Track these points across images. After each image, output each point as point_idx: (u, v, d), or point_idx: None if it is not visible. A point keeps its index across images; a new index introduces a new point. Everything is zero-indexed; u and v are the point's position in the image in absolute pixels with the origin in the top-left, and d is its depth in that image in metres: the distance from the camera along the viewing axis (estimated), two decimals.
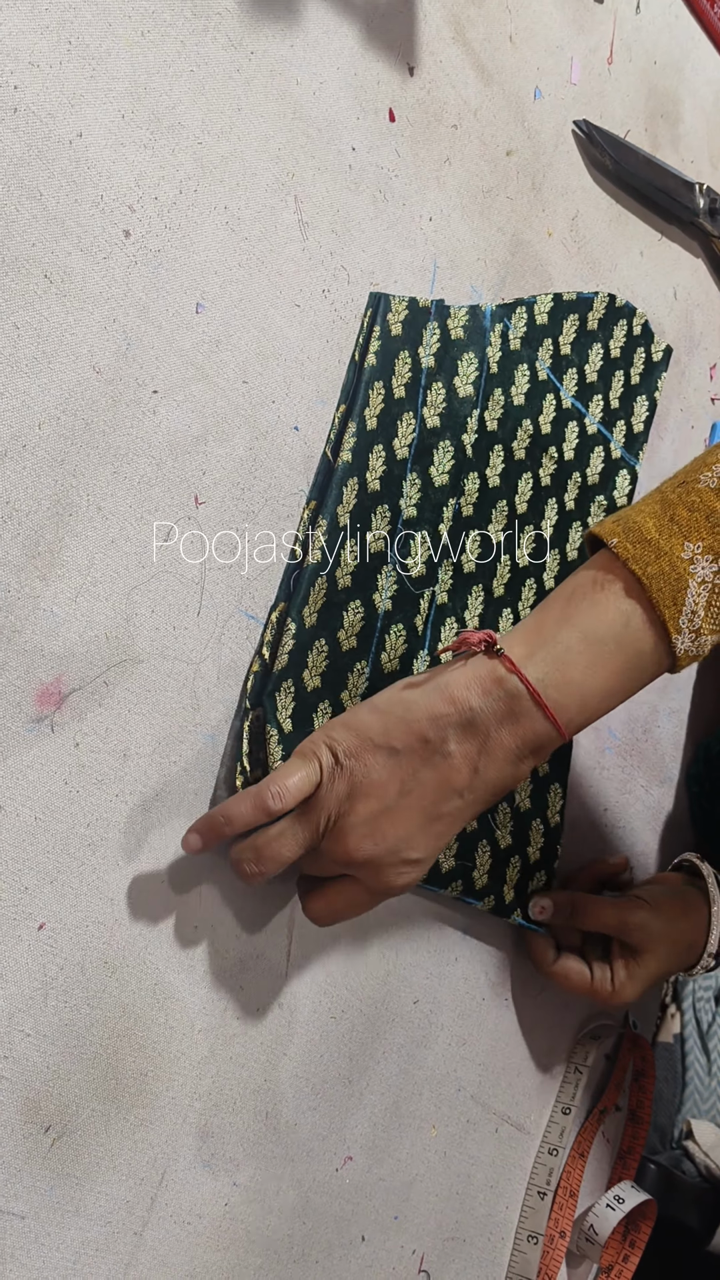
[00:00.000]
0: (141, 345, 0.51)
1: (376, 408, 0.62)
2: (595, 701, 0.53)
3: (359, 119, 0.62)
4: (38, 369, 0.47)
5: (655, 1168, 0.98)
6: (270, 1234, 0.58)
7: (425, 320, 0.65)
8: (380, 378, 0.62)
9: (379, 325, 0.62)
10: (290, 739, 0.56)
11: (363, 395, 0.61)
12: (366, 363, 0.62)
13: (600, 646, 0.53)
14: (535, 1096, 0.77)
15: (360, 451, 0.61)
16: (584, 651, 0.52)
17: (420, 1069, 0.67)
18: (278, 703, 0.56)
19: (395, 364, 0.63)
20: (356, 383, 0.61)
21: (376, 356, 0.62)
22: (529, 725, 0.52)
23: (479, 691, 0.52)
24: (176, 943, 0.53)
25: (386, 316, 0.63)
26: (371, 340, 0.62)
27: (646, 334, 0.81)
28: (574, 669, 0.52)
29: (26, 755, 0.48)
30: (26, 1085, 0.48)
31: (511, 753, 0.53)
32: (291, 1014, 0.59)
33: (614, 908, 0.71)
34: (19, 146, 0.47)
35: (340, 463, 0.60)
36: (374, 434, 0.62)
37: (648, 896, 0.73)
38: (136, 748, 0.52)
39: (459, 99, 0.69)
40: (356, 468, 0.60)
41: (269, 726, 0.56)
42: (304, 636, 0.58)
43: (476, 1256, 0.72)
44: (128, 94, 0.51)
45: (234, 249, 0.56)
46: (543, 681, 0.52)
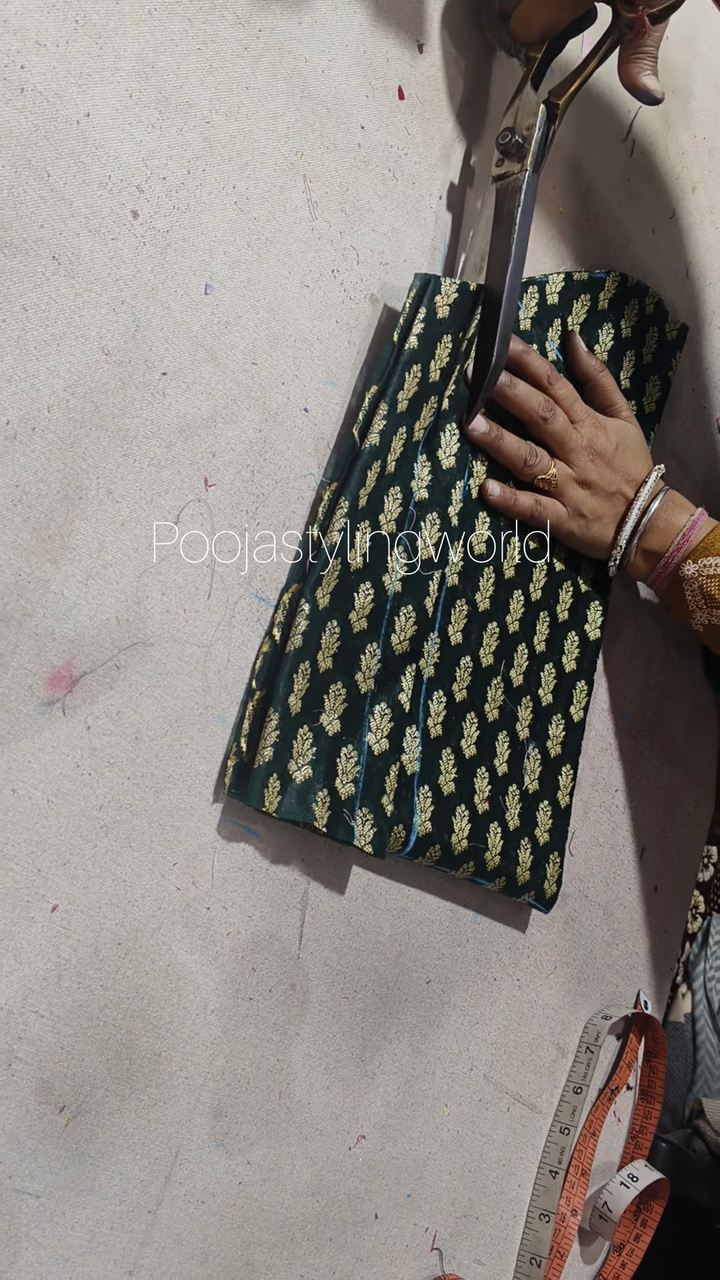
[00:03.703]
0: (150, 327, 0.51)
1: (410, 391, 0.61)
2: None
3: (368, 97, 0.62)
4: (46, 351, 0.47)
5: (666, 1146, 0.98)
6: (284, 1212, 0.59)
7: (476, 305, 0.64)
8: (419, 360, 0.61)
9: (425, 307, 0.62)
10: (295, 721, 0.56)
11: (399, 378, 0.61)
12: (407, 345, 0.61)
13: None
14: (547, 1076, 0.77)
15: (387, 434, 0.60)
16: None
17: (432, 1048, 0.68)
18: (294, 684, 0.56)
19: (436, 347, 0.62)
20: (394, 365, 0.61)
21: (419, 339, 0.61)
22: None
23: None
24: (189, 924, 0.54)
25: (434, 299, 0.62)
26: (415, 322, 0.61)
27: (660, 313, 0.81)
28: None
29: (38, 738, 0.48)
30: (41, 1066, 0.48)
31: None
32: (304, 994, 0.59)
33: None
34: (26, 126, 0.47)
35: (367, 445, 0.59)
36: (402, 417, 0.61)
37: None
38: (148, 730, 0.52)
39: (469, 77, 0.68)
40: (381, 451, 0.60)
41: (272, 709, 0.55)
42: (317, 618, 0.57)
43: (489, 1234, 0.72)
44: (135, 73, 0.51)
45: (243, 229, 0.55)
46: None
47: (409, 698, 0.63)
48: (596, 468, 0.71)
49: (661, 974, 0.90)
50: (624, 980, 0.85)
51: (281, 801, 0.55)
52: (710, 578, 0.71)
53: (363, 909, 0.63)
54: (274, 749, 0.55)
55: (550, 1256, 0.74)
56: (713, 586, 0.72)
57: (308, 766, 0.57)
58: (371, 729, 0.60)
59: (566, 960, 0.79)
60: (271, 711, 0.55)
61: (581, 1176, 0.77)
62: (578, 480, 0.71)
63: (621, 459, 0.73)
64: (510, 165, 0.65)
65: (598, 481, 0.71)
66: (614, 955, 0.84)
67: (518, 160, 0.64)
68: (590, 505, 0.72)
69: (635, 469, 0.74)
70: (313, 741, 0.57)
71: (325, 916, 0.61)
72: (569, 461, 0.70)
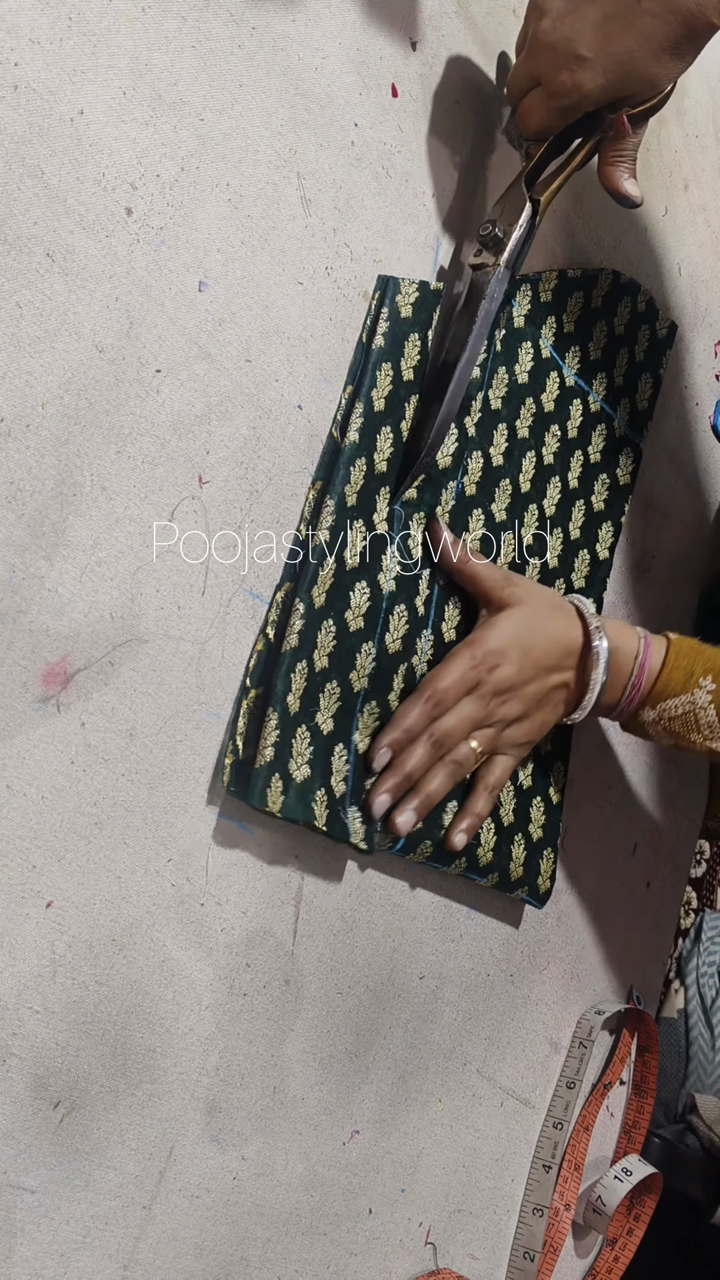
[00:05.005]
0: (144, 324, 0.51)
1: (385, 389, 0.62)
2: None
3: (361, 94, 0.62)
4: (40, 348, 0.47)
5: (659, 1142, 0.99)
6: (278, 1207, 0.59)
7: (436, 303, 0.64)
8: (388, 359, 0.62)
9: (387, 307, 0.62)
10: (294, 720, 0.56)
11: (370, 376, 0.61)
12: (374, 344, 0.61)
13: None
14: (540, 1071, 0.77)
15: (368, 432, 0.61)
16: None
17: (426, 1044, 0.68)
18: (291, 683, 0.56)
19: (404, 346, 0.63)
20: (364, 364, 0.61)
21: (384, 338, 0.62)
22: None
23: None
24: (184, 920, 0.54)
25: (395, 299, 0.62)
26: (379, 322, 0.62)
27: (650, 311, 0.81)
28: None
29: (33, 735, 0.48)
30: (35, 1061, 0.48)
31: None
32: (298, 990, 0.60)
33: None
34: (20, 124, 0.47)
35: (347, 443, 0.60)
36: (382, 415, 0.61)
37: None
38: (143, 727, 0.52)
39: (462, 74, 0.68)
40: (364, 448, 0.60)
41: (271, 709, 0.56)
42: (312, 617, 0.58)
43: (482, 1229, 0.73)
44: (129, 70, 0.51)
45: (236, 226, 0.55)
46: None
47: (398, 697, 0.63)
48: (515, 701, 0.66)
49: (654, 969, 0.91)
50: (617, 975, 0.85)
51: (284, 801, 0.55)
52: (673, 719, 0.68)
53: (357, 905, 0.63)
54: (274, 749, 0.55)
55: (544, 1251, 0.74)
56: (676, 726, 0.68)
57: (306, 766, 0.57)
58: (359, 728, 0.60)
59: (560, 956, 0.79)
60: (270, 711, 0.56)
61: (575, 1171, 0.77)
62: (505, 724, 0.66)
63: (529, 660, 0.66)
64: (487, 257, 0.65)
65: (523, 711, 0.66)
66: (607, 950, 0.84)
67: (495, 254, 0.65)
68: (532, 725, 0.67)
69: (548, 654, 0.67)
70: (310, 741, 0.57)
71: (320, 912, 0.61)
72: (487, 722, 0.65)
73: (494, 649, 0.64)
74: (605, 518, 0.78)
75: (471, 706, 0.64)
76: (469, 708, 0.64)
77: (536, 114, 0.64)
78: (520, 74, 0.65)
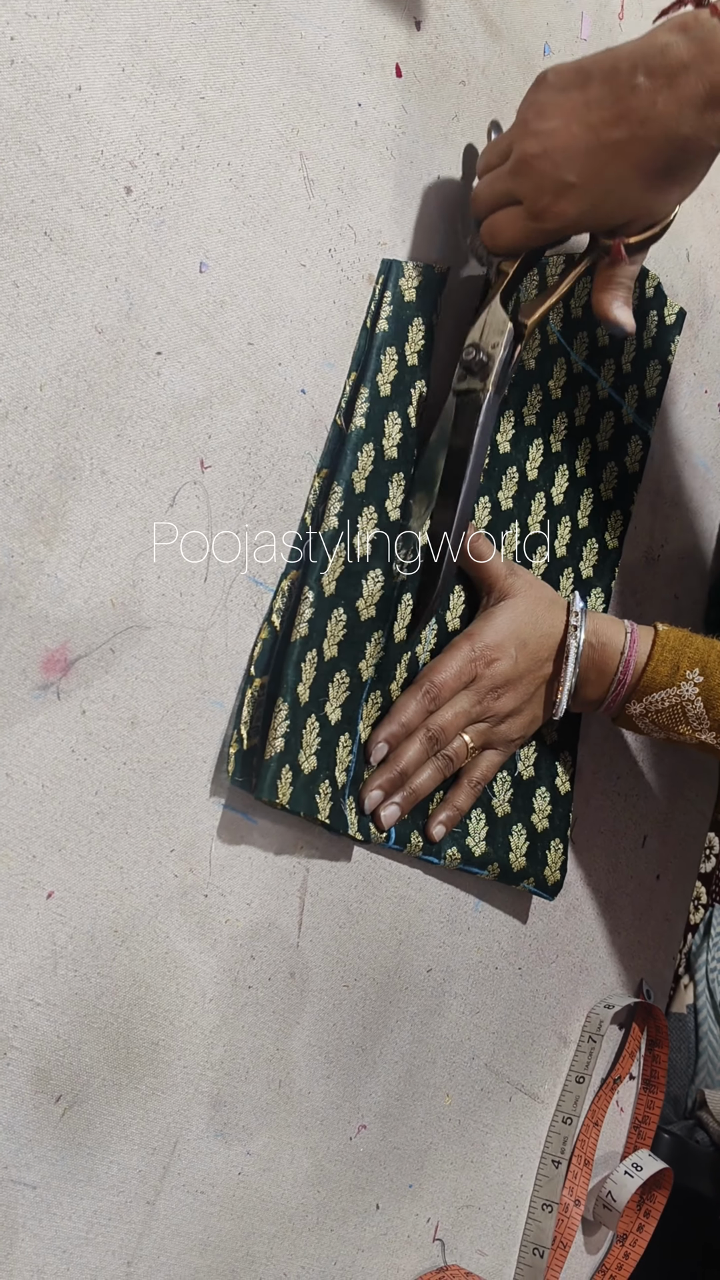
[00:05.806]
0: (144, 305, 0.50)
1: (390, 374, 0.61)
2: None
3: (365, 74, 0.61)
4: (38, 329, 0.47)
5: (669, 1137, 0.98)
6: (284, 1202, 0.58)
7: (441, 287, 0.63)
8: (393, 343, 0.61)
9: (390, 291, 0.61)
10: (303, 710, 0.55)
11: (375, 361, 0.60)
12: (378, 329, 0.60)
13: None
14: (549, 1065, 0.76)
15: (374, 418, 0.60)
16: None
17: (434, 1037, 0.67)
18: (302, 673, 0.55)
19: (409, 330, 0.62)
20: (368, 349, 0.60)
21: (389, 322, 0.61)
22: (717, 68, 0.53)
23: (676, 26, 0.54)
24: (187, 911, 0.53)
25: (399, 282, 0.61)
26: (383, 306, 0.61)
27: (659, 296, 0.80)
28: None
29: (33, 722, 0.47)
30: (37, 1054, 0.48)
31: (698, 97, 0.54)
32: (304, 982, 0.59)
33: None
34: (16, 100, 0.46)
35: (353, 428, 0.59)
36: (388, 400, 0.60)
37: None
38: (144, 715, 0.51)
39: (467, 54, 0.67)
40: (371, 433, 0.59)
41: (281, 699, 0.55)
42: (322, 605, 0.57)
43: (491, 1225, 0.72)
44: (128, 46, 0.50)
45: (238, 207, 0.54)
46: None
47: (400, 686, 0.62)
48: (510, 695, 0.66)
49: (664, 963, 0.90)
50: (626, 969, 0.84)
51: (293, 793, 0.54)
52: (660, 712, 0.68)
53: (363, 896, 0.62)
54: (285, 739, 0.54)
55: (553, 1247, 0.73)
56: (664, 719, 0.68)
57: (314, 757, 0.56)
58: (363, 717, 0.60)
59: (568, 949, 0.78)
60: (280, 701, 0.55)
61: (584, 1166, 0.76)
62: (499, 719, 0.66)
63: (525, 654, 0.66)
64: (472, 382, 0.62)
65: (516, 706, 0.66)
66: (616, 944, 0.83)
67: (480, 379, 0.62)
68: (523, 720, 0.67)
69: (541, 648, 0.66)
70: (319, 731, 0.56)
71: (325, 904, 0.60)
72: (482, 717, 0.65)
73: (492, 643, 0.65)
74: (614, 506, 0.77)
75: (467, 701, 0.64)
76: (465, 702, 0.64)
77: (510, 231, 0.61)
78: (497, 189, 0.61)
